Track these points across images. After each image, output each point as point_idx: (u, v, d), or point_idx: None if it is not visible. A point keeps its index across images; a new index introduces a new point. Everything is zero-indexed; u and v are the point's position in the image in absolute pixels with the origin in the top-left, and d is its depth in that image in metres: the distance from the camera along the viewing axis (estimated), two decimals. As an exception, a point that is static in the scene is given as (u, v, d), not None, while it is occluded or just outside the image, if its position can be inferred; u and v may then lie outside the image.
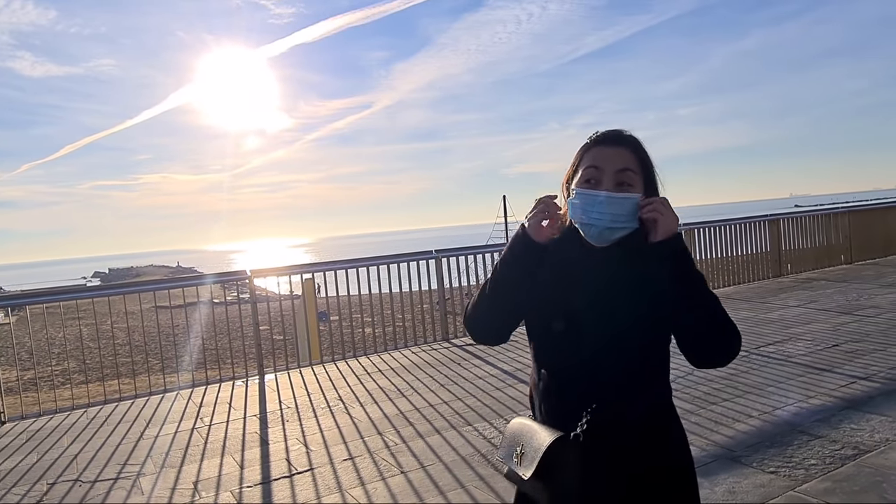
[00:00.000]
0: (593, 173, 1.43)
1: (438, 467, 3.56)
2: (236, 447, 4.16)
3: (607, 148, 1.45)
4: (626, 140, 1.46)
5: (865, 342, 5.49)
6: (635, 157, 1.44)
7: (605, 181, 1.41)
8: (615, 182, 1.40)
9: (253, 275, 6.27)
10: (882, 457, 3.23)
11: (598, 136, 1.48)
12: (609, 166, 1.42)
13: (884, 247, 11.18)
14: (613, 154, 1.43)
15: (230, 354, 6.46)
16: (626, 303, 1.39)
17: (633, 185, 1.42)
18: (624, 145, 1.45)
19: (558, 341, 1.45)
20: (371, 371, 5.93)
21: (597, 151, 1.45)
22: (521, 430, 1.45)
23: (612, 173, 1.41)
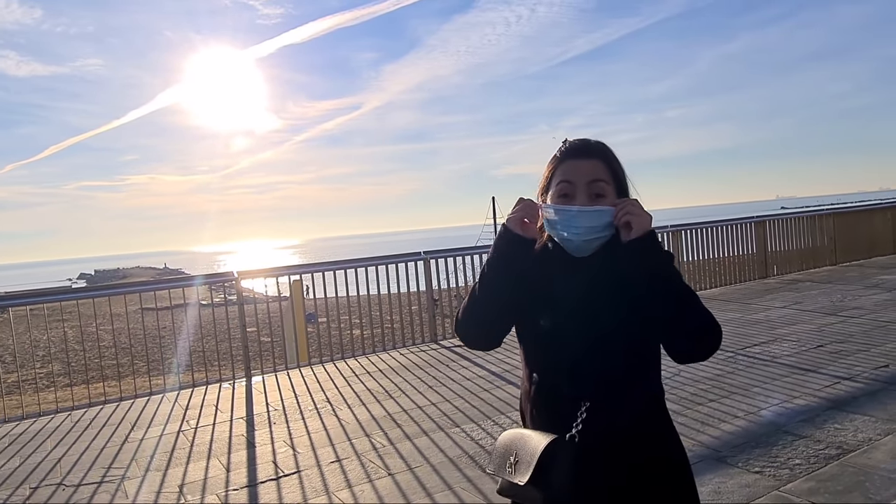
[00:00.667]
0: (566, 188, 1.48)
1: (426, 469, 3.56)
2: (222, 450, 4.13)
3: (578, 161, 1.50)
4: (595, 150, 1.51)
5: (849, 343, 5.54)
6: (606, 166, 1.49)
7: (579, 194, 1.46)
8: (587, 194, 1.46)
9: (240, 276, 6.23)
10: (865, 456, 3.26)
11: (567, 147, 1.52)
12: (581, 179, 1.47)
13: (868, 248, 11.31)
14: (584, 166, 1.48)
15: (217, 356, 6.42)
16: (607, 305, 1.43)
17: (605, 195, 1.47)
18: (594, 156, 1.50)
19: (546, 345, 1.49)
20: (359, 373, 5.91)
21: (568, 165, 1.50)
22: (513, 439, 1.45)
23: (585, 185, 1.46)
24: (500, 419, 4.24)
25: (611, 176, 1.49)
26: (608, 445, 1.39)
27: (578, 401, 1.41)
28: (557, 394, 1.46)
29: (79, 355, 9.37)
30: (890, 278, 8.95)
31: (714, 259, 9.71)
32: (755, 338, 5.99)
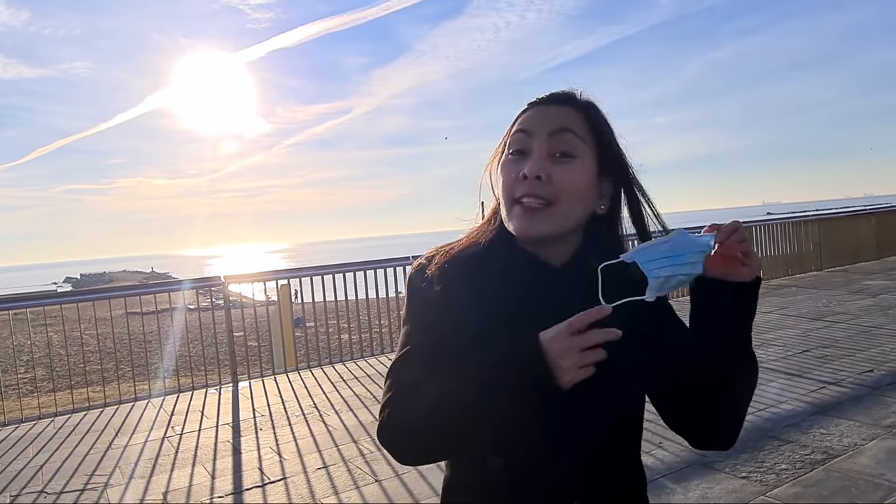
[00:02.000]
0: (521, 140, 1.02)
1: (413, 475, 3.53)
2: (208, 456, 4.09)
3: (543, 107, 1.04)
4: (573, 99, 1.05)
5: (835, 348, 5.58)
6: (581, 116, 1.02)
7: (536, 148, 1.00)
8: (549, 150, 0.99)
9: (227, 280, 6.19)
10: (850, 461, 3.28)
11: (536, 98, 1.07)
12: (541, 129, 1.01)
13: (852, 254, 11.42)
14: (549, 112, 1.03)
15: (203, 361, 6.37)
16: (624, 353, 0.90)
17: (574, 155, 1.00)
18: (568, 104, 1.04)
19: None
20: (347, 378, 5.87)
21: (530, 113, 1.04)
22: None
23: (545, 136, 1.00)
24: (488, 425, 4.22)
25: (588, 130, 1.02)
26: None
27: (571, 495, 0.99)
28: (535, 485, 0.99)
29: (63, 360, 9.26)
30: (874, 284, 9.04)
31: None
32: (742, 343, 6.01)
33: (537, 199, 0.98)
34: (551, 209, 0.98)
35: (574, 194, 0.99)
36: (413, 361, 1.02)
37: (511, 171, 1.01)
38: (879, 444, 3.46)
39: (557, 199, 0.98)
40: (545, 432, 0.98)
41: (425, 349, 1.02)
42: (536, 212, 0.98)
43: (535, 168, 0.98)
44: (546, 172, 0.98)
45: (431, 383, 0.95)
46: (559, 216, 0.99)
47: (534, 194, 0.98)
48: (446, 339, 1.00)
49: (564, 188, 0.98)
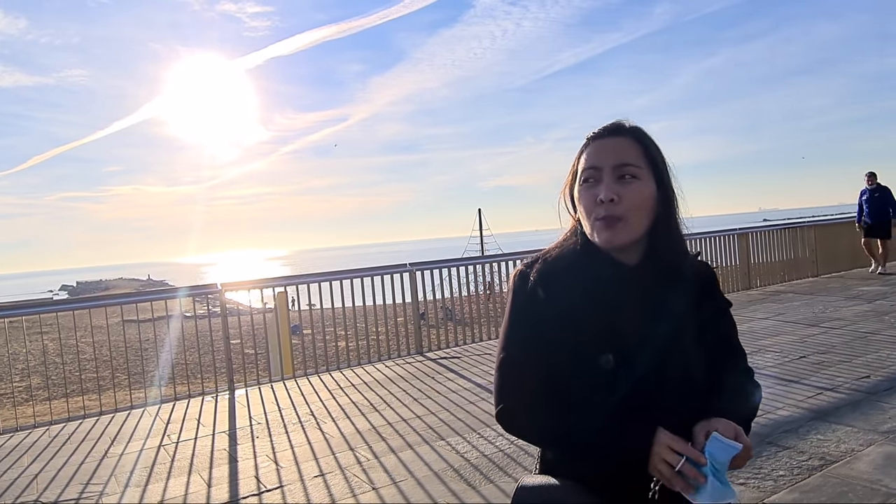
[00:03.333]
0: (591, 174, 1.28)
1: (410, 483, 3.52)
2: (204, 465, 4.07)
3: (604, 140, 1.30)
4: (625, 129, 1.31)
5: (831, 353, 5.59)
6: (638, 146, 1.29)
7: (605, 178, 1.26)
8: (615, 177, 1.26)
9: (224, 288, 6.17)
10: (848, 467, 3.28)
11: (594, 131, 1.33)
12: (607, 162, 1.27)
13: (848, 260, 11.46)
14: (611, 145, 1.29)
15: (200, 369, 6.34)
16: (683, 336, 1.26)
17: (636, 177, 1.27)
18: (623, 135, 1.30)
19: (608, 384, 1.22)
20: (344, 385, 5.86)
21: (593, 147, 1.30)
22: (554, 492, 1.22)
23: (611, 168, 1.26)
24: (486, 432, 4.21)
25: (644, 158, 1.28)
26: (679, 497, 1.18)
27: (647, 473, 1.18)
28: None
29: (59, 368, 9.21)
30: (870, 290, 9.07)
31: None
32: (739, 349, 6.02)
33: (613, 216, 1.24)
34: (625, 222, 1.25)
35: (641, 208, 1.27)
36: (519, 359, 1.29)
37: (589, 198, 1.28)
38: (877, 450, 3.45)
39: (629, 214, 1.25)
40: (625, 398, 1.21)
41: (530, 342, 1.28)
42: (614, 227, 1.25)
43: (609, 193, 1.25)
44: (617, 194, 1.25)
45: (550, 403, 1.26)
46: (632, 227, 1.27)
47: (611, 213, 1.25)
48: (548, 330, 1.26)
49: (634, 204, 1.26)
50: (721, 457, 1.11)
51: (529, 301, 1.29)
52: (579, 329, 1.24)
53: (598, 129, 1.32)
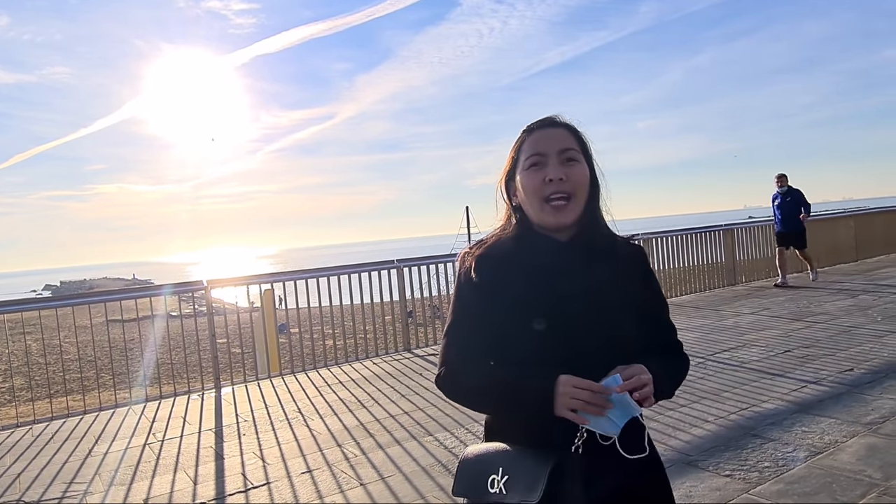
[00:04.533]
0: (538, 159, 1.39)
1: (398, 478, 3.51)
2: (190, 462, 4.04)
3: (546, 130, 1.43)
4: (562, 122, 1.45)
5: (815, 347, 5.65)
6: (574, 137, 1.43)
7: (551, 163, 1.38)
8: (560, 161, 1.38)
9: (210, 285, 6.12)
10: (832, 458, 3.31)
11: (532, 124, 1.46)
12: (552, 148, 1.39)
13: (831, 255, 11.58)
14: (554, 134, 1.41)
15: (185, 368, 6.29)
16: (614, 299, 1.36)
17: (578, 161, 1.40)
18: (561, 126, 1.44)
19: (542, 344, 1.32)
20: (331, 382, 5.84)
21: (536, 136, 1.42)
22: (492, 454, 1.32)
23: (556, 153, 1.39)
24: (474, 427, 4.21)
25: (580, 147, 1.42)
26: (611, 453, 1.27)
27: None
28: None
29: (42, 369, 9.09)
30: (853, 285, 9.17)
31: (686, 267, 9.86)
32: (725, 343, 6.07)
33: (562, 195, 1.36)
34: (573, 201, 1.37)
35: (583, 187, 1.40)
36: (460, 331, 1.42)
37: (537, 179, 1.38)
38: (860, 441, 3.49)
39: (576, 191, 1.37)
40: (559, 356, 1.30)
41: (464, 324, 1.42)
42: (564, 206, 1.36)
43: (558, 172, 1.37)
44: (565, 174, 1.37)
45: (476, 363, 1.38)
46: (578, 205, 1.39)
47: (560, 191, 1.36)
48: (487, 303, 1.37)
49: (579, 183, 1.38)
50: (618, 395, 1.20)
51: (471, 277, 1.41)
52: (517, 298, 1.35)
53: (537, 122, 1.45)
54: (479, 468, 1.31)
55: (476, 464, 1.33)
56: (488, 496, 1.26)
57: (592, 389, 1.20)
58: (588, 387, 1.21)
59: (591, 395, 1.20)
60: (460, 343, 1.41)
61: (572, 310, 1.33)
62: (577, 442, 1.26)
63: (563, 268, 1.36)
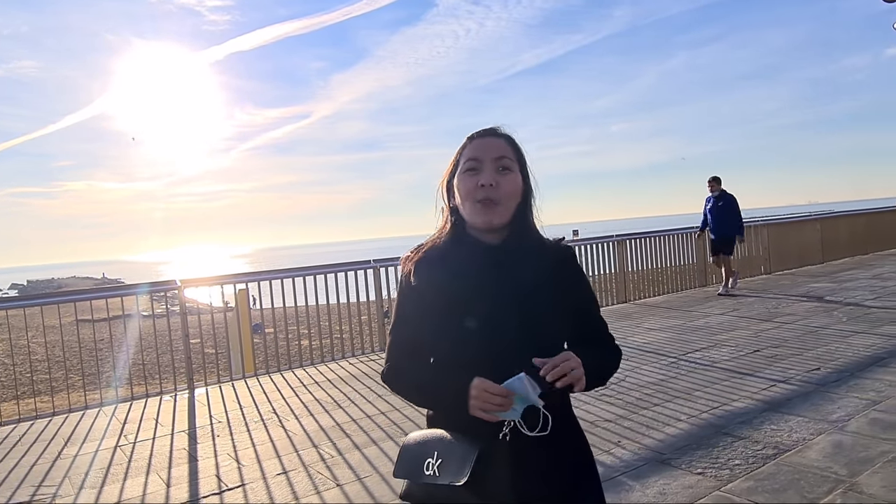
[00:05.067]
0: (473, 164, 1.50)
1: (375, 479, 3.51)
2: (163, 465, 3.98)
3: (485, 139, 1.53)
4: (502, 134, 1.55)
5: (784, 347, 5.78)
6: (511, 148, 1.53)
7: (486, 169, 1.48)
8: (494, 168, 1.48)
9: (183, 285, 6.05)
10: (800, 455, 3.40)
11: (474, 133, 1.57)
12: (488, 155, 1.50)
13: (798, 258, 11.86)
14: (491, 143, 1.52)
15: (158, 369, 6.20)
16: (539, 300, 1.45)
17: (511, 170, 1.50)
18: (500, 137, 1.54)
19: (474, 342, 1.44)
20: (307, 383, 5.81)
21: (475, 143, 1.53)
22: (429, 440, 1.43)
23: (491, 160, 1.49)
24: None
25: (515, 157, 1.52)
26: (538, 441, 1.38)
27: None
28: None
29: (8, 370, 8.88)
30: (819, 286, 9.40)
31: (657, 268, 10.00)
32: (696, 343, 6.18)
33: (493, 200, 1.46)
34: (502, 206, 1.47)
35: (513, 195, 1.50)
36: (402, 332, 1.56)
37: (471, 183, 1.48)
38: (826, 439, 3.59)
39: (505, 198, 1.47)
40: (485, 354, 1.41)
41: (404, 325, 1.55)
42: (493, 208, 1.46)
43: (489, 179, 1.47)
44: (496, 181, 1.47)
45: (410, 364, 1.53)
46: (506, 210, 1.48)
47: (489, 196, 1.46)
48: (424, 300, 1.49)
49: (509, 191, 1.48)
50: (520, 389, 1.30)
51: (410, 278, 1.53)
52: (449, 298, 1.46)
53: (479, 131, 1.56)
54: (417, 452, 1.43)
55: (415, 448, 1.45)
56: (423, 477, 1.39)
57: (495, 393, 1.32)
58: (492, 390, 1.32)
59: (495, 398, 1.32)
60: (401, 343, 1.56)
61: (499, 311, 1.44)
62: (504, 430, 1.38)
63: (491, 270, 1.47)
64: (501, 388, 1.33)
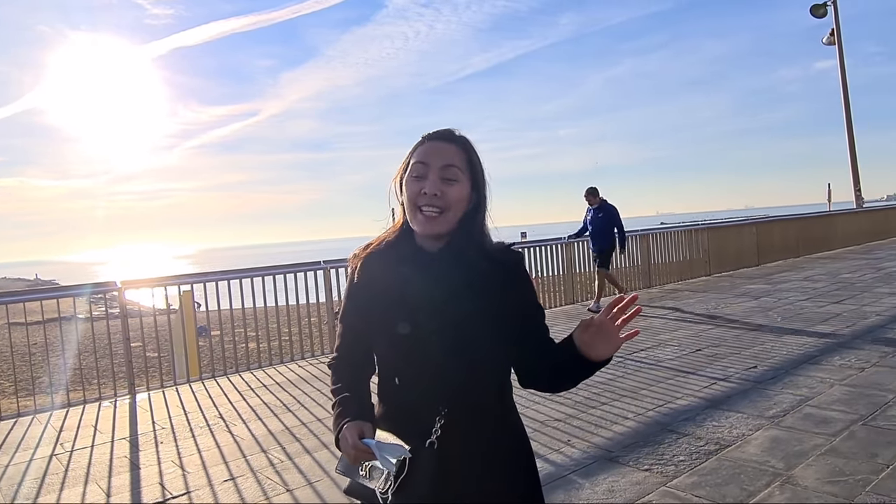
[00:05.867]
0: (420, 168, 1.47)
1: (326, 483, 3.47)
2: (102, 474, 3.83)
3: (436, 143, 1.49)
4: (456, 138, 1.51)
5: (723, 346, 6.00)
6: (464, 154, 1.49)
7: (431, 176, 1.45)
8: (440, 176, 1.45)
9: (124, 286, 5.83)
10: (740, 451, 3.53)
11: (429, 134, 1.52)
12: (436, 162, 1.46)
13: (736, 260, 12.35)
14: (442, 148, 1.48)
15: (97, 374, 5.95)
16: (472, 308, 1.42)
17: (457, 180, 1.46)
18: (452, 142, 1.50)
19: (406, 350, 1.45)
20: (255, 387, 5.69)
21: (426, 147, 1.49)
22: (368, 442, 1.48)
23: (437, 168, 1.45)
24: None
25: (466, 165, 1.48)
26: (466, 451, 1.42)
27: (436, 406, 1.42)
28: (415, 399, 1.45)
29: (-71, 376, 8.35)
30: (756, 287, 9.80)
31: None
32: (641, 343, 6.34)
33: (435, 209, 1.45)
34: (444, 216, 1.46)
35: (456, 206, 1.47)
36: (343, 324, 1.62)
37: (415, 189, 1.47)
38: (764, 434, 3.75)
39: (447, 209, 1.45)
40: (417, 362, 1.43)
41: (348, 319, 1.60)
42: (434, 218, 1.45)
43: (433, 188, 1.45)
44: (440, 191, 1.45)
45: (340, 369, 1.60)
46: (447, 220, 1.47)
47: (432, 205, 1.45)
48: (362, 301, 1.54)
49: (451, 202, 1.46)
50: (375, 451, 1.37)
51: (353, 278, 1.57)
52: (385, 301, 1.48)
53: (434, 132, 1.53)
54: None
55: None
56: (358, 477, 1.44)
57: (358, 449, 1.39)
58: (355, 447, 1.39)
59: (357, 453, 1.39)
60: (344, 337, 1.62)
61: (425, 315, 1.43)
62: (432, 437, 1.41)
63: (425, 274, 1.46)
64: (362, 445, 1.39)
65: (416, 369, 1.44)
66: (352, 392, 1.55)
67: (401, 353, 1.46)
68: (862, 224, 17.02)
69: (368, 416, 1.49)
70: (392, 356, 1.50)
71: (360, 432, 1.42)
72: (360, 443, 1.39)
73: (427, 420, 1.42)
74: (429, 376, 1.42)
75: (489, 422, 1.47)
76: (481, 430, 1.45)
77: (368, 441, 1.40)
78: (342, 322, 1.63)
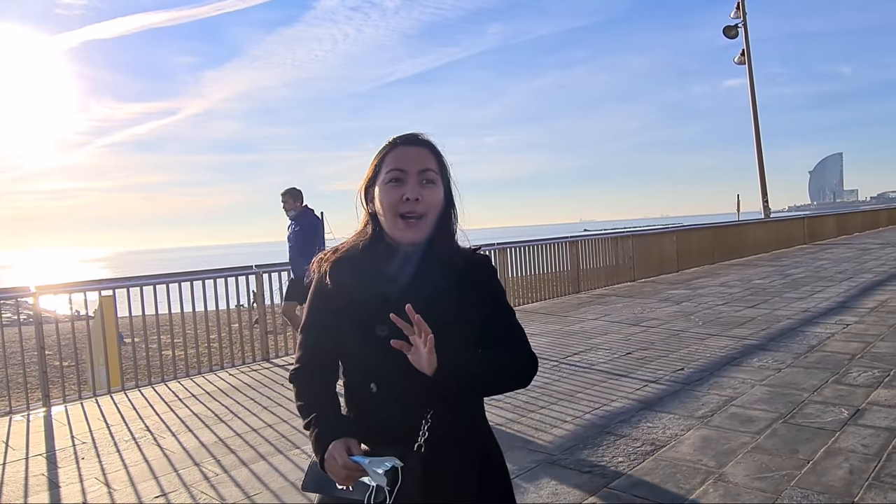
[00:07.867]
0: (398, 175, 1.47)
1: (266, 495, 3.36)
2: (17, 494, 3.56)
3: (408, 148, 1.50)
4: (425, 142, 1.52)
5: (651, 350, 6.24)
6: (434, 157, 1.51)
7: (410, 181, 1.46)
8: (418, 181, 1.46)
9: (39, 291, 5.44)
10: (674, 450, 3.68)
11: (397, 138, 1.53)
12: (412, 167, 1.47)
13: (658, 266, 12.90)
14: (415, 153, 1.49)
15: (6, 385, 5.53)
16: (450, 309, 1.43)
17: (434, 183, 1.48)
18: (423, 146, 1.51)
19: (373, 346, 1.42)
20: (183, 396, 5.44)
21: (399, 152, 1.49)
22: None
23: (416, 173, 1.46)
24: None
25: (439, 167, 1.51)
26: (452, 451, 1.43)
27: (421, 409, 1.41)
28: (396, 404, 1.42)
29: None
30: (677, 293, 10.26)
31: (534, 276, 10.45)
32: (574, 347, 6.51)
33: (416, 214, 1.45)
34: (424, 220, 1.46)
35: (436, 207, 1.49)
36: (310, 335, 1.55)
37: (394, 196, 1.46)
38: (695, 434, 3.91)
39: (428, 212, 1.46)
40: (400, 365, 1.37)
41: (315, 326, 1.54)
42: (416, 224, 1.46)
43: (415, 193, 1.45)
44: (421, 195, 1.45)
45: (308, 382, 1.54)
46: (428, 224, 1.48)
47: (413, 210, 1.45)
48: (333, 306, 1.49)
49: (432, 205, 1.47)
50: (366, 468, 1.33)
51: (322, 282, 1.51)
52: (364, 304, 1.45)
53: (402, 137, 1.53)
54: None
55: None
56: (336, 491, 1.39)
57: (347, 467, 1.35)
58: (346, 466, 1.35)
59: (348, 472, 1.35)
60: (309, 346, 1.55)
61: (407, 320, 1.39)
62: (419, 440, 1.40)
63: (400, 279, 1.45)
64: (352, 463, 1.34)
65: (399, 372, 1.38)
66: (326, 406, 1.50)
67: (381, 356, 1.41)
68: (769, 233, 18.17)
69: (350, 430, 1.44)
70: (372, 360, 1.45)
71: (347, 450, 1.38)
72: (350, 461, 1.35)
73: (413, 424, 1.41)
74: (413, 379, 1.37)
75: (466, 421, 1.49)
76: (464, 432, 1.47)
77: (358, 458, 1.35)
78: (306, 331, 1.56)
